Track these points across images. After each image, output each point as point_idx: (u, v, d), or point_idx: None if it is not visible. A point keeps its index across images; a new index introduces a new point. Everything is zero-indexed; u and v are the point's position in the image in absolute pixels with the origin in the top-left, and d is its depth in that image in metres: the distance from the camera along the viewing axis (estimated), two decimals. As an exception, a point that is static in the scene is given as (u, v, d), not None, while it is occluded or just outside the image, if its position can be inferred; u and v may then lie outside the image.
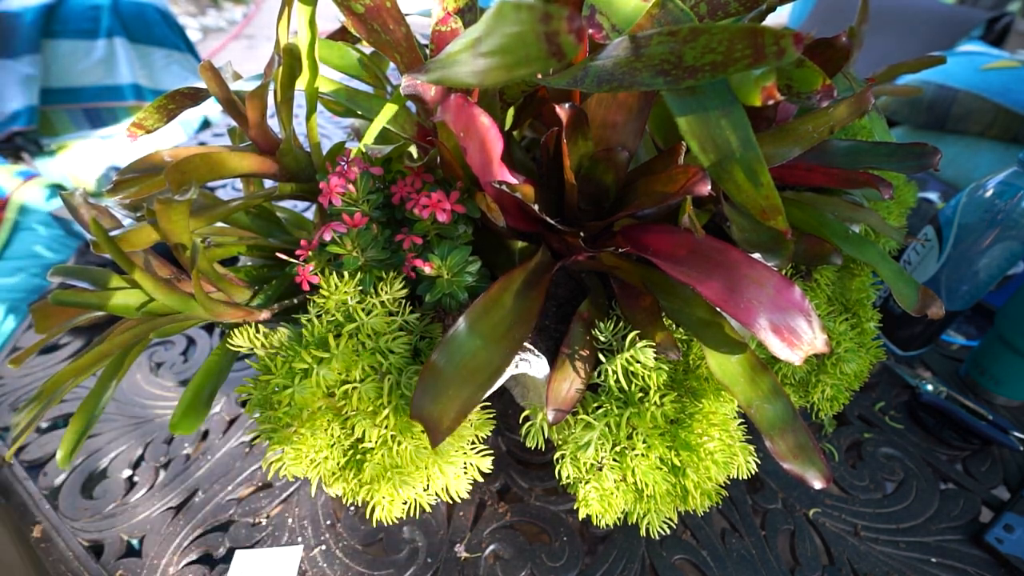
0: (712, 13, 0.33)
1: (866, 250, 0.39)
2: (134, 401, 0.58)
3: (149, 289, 0.32)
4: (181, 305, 0.35)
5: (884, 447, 0.55)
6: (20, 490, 0.50)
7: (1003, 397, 0.58)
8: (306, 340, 0.33)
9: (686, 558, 0.46)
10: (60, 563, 0.45)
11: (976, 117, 0.93)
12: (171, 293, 0.34)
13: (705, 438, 0.35)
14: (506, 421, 0.55)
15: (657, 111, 0.38)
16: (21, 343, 0.65)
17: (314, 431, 0.33)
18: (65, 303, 0.32)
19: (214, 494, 0.50)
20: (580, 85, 0.29)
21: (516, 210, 0.33)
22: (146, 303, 0.34)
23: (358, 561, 0.45)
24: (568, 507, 0.49)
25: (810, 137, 0.35)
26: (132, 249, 0.35)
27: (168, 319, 0.37)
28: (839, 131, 0.40)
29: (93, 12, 1.29)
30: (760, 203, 0.30)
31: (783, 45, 0.22)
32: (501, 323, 0.32)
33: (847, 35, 0.35)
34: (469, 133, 0.29)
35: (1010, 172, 0.52)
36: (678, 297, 0.35)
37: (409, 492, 0.35)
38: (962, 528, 0.49)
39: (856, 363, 0.44)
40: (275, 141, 0.40)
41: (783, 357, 0.29)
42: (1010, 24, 1.29)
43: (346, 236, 0.34)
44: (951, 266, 0.56)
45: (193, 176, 0.33)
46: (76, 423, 0.38)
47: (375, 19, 0.34)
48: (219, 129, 1.09)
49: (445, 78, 0.26)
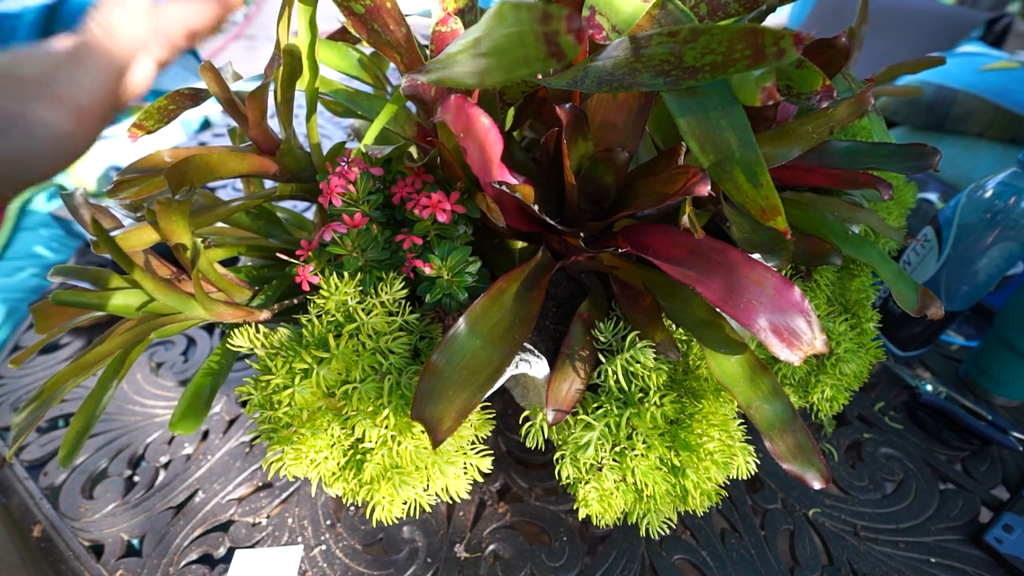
0: (712, 14, 0.33)
1: (866, 251, 0.39)
2: (134, 401, 0.58)
3: (149, 289, 0.32)
4: (181, 305, 0.35)
5: (884, 447, 0.55)
6: (20, 490, 0.50)
7: (1002, 397, 0.58)
8: (306, 340, 0.33)
9: (686, 558, 0.46)
10: (60, 563, 0.45)
11: (976, 118, 0.93)
12: (171, 293, 0.34)
13: (705, 438, 0.35)
14: (506, 421, 0.55)
15: (657, 111, 0.38)
16: (21, 343, 0.65)
17: (314, 431, 0.33)
18: (65, 303, 0.32)
19: (214, 494, 0.50)
20: (580, 86, 0.29)
21: (516, 210, 0.34)
22: (146, 303, 0.34)
23: (358, 561, 0.45)
24: (568, 507, 0.49)
25: (810, 137, 0.35)
26: (132, 249, 0.35)
27: (168, 319, 0.37)
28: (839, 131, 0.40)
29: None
30: (760, 203, 0.30)
31: (783, 46, 0.23)
32: (501, 323, 0.32)
33: (847, 36, 0.35)
34: (469, 133, 0.29)
35: (1009, 173, 0.52)
36: (678, 297, 0.35)
37: (409, 492, 0.35)
38: (961, 528, 0.49)
39: (856, 363, 0.44)
40: (275, 141, 0.40)
41: (783, 357, 0.29)
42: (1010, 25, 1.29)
43: (346, 236, 0.35)
44: (950, 267, 0.56)
45: (193, 177, 0.33)
46: (77, 423, 0.38)
47: (375, 19, 0.34)
48: (219, 129, 1.09)
49: (445, 78, 0.26)
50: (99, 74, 0.30)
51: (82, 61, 0.29)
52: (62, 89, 0.28)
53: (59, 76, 0.29)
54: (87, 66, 0.29)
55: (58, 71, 0.29)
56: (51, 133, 0.28)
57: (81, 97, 0.29)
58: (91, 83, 0.29)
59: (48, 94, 0.28)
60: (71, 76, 0.29)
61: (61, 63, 0.29)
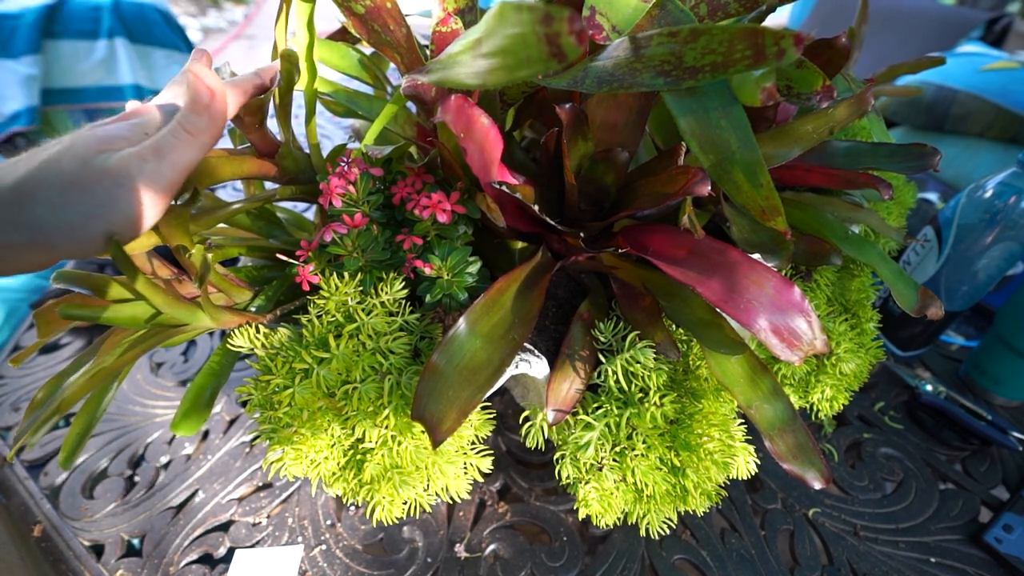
0: (712, 14, 0.33)
1: (866, 251, 0.39)
2: (135, 401, 0.58)
3: (157, 304, 0.33)
4: (189, 317, 0.35)
5: (884, 447, 0.55)
6: (21, 490, 0.50)
7: (1002, 397, 0.58)
8: (306, 340, 0.33)
9: (686, 558, 0.46)
10: (61, 563, 0.45)
11: (976, 118, 0.93)
12: (178, 306, 0.34)
13: (705, 438, 0.35)
14: (506, 421, 0.56)
15: (657, 111, 0.38)
16: (21, 343, 0.65)
17: (314, 431, 0.33)
18: (73, 317, 0.32)
19: (214, 494, 0.50)
20: (580, 86, 0.29)
21: (516, 210, 0.34)
22: (154, 316, 0.34)
23: (358, 561, 0.45)
24: (568, 507, 0.49)
25: (810, 138, 0.35)
26: (134, 252, 0.35)
27: (175, 331, 0.37)
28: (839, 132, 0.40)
29: (94, 13, 1.29)
30: (760, 204, 0.30)
31: (783, 46, 0.23)
32: (501, 323, 0.32)
33: (847, 36, 0.35)
34: (469, 134, 0.29)
35: (1009, 173, 0.52)
36: (678, 297, 0.35)
37: (409, 492, 0.35)
38: (961, 528, 0.49)
39: (856, 363, 0.44)
40: (274, 144, 0.40)
41: (783, 357, 0.29)
42: (1010, 25, 1.29)
43: (346, 237, 0.35)
44: (950, 267, 0.56)
45: (194, 180, 0.33)
46: (78, 424, 0.38)
47: (375, 20, 0.34)
48: (219, 129, 1.09)
49: (446, 79, 0.26)
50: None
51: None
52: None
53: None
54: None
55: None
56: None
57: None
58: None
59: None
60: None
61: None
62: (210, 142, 0.30)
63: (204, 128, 0.29)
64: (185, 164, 0.29)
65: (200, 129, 0.29)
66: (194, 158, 0.29)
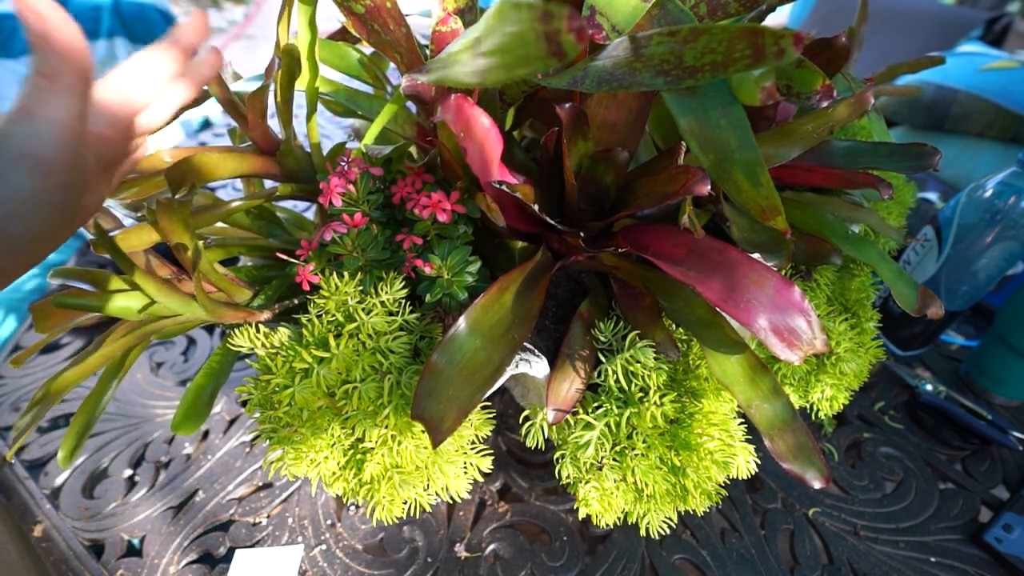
0: (712, 13, 0.33)
1: (866, 250, 0.39)
2: (135, 401, 0.58)
3: (151, 292, 0.32)
4: (183, 307, 0.35)
5: (884, 447, 0.55)
6: (21, 489, 0.50)
7: (1002, 397, 0.58)
8: (306, 340, 0.33)
9: (686, 558, 0.46)
10: (61, 563, 0.45)
11: (976, 117, 0.93)
12: (173, 295, 0.34)
13: (705, 438, 0.35)
14: (506, 421, 0.56)
15: (657, 111, 0.38)
16: (22, 343, 0.65)
17: (314, 431, 0.33)
18: (67, 306, 0.32)
19: (214, 494, 0.50)
20: (580, 85, 0.29)
21: (516, 210, 0.34)
22: (148, 306, 0.34)
23: (358, 561, 0.45)
24: (568, 507, 0.49)
25: (810, 137, 0.35)
26: (132, 249, 0.35)
27: (170, 321, 0.37)
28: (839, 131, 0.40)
29: (94, 13, 1.29)
30: (760, 203, 0.30)
31: (783, 45, 0.23)
32: (501, 323, 0.32)
33: (847, 35, 0.35)
34: (469, 133, 0.29)
35: (1009, 172, 0.52)
36: (678, 297, 0.35)
37: (409, 492, 0.35)
38: (961, 528, 0.49)
39: (856, 363, 0.44)
40: (275, 142, 0.40)
41: (783, 357, 0.29)
42: (1009, 24, 1.29)
43: (346, 236, 0.35)
44: (950, 266, 0.56)
45: (193, 177, 0.33)
46: (77, 423, 0.38)
47: (375, 19, 0.34)
48: (219, 129, 1.09)
49: (445, 78, 0.26)
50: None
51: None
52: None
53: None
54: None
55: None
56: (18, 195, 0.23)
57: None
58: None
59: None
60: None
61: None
62: (79, 83, 0.24)
63: (57, 66, 0.24)
64: (63, 120, 0.24)
65: (56, 69, 0.23)
66: (73, 107, 0.24)
